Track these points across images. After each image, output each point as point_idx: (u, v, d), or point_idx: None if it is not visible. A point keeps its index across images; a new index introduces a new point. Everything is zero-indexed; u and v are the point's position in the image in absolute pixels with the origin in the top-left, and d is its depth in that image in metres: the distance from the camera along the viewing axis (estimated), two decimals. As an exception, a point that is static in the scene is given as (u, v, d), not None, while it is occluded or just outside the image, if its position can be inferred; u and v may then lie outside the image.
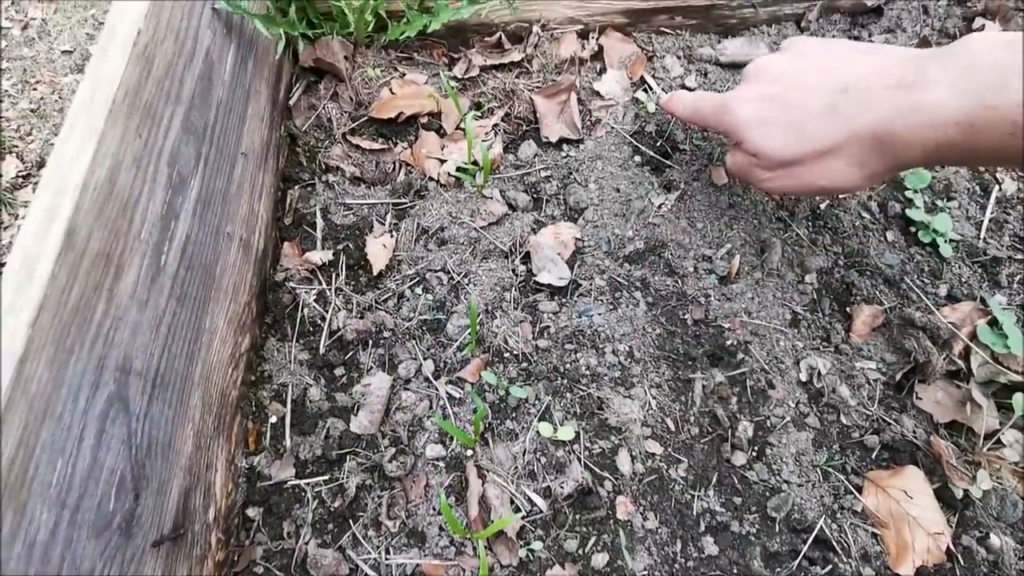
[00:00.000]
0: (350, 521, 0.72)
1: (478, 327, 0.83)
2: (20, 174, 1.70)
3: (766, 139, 0.68)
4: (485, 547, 0.70)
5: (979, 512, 0.70)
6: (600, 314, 0.86)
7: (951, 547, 0.67)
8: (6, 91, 1.83)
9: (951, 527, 0.70)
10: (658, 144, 1.03)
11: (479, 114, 1.03)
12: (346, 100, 1.02)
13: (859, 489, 0.72)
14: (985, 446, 0.73)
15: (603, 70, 1.07)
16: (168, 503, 0.58)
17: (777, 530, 0.70)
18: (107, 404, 0.50)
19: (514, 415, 0.78)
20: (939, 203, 0.94)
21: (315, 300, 0.86)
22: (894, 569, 0.67)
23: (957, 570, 0.67)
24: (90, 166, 0.49)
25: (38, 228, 0.45)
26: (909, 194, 0.95)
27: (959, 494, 0.71)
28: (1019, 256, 0.89)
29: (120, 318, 0.52)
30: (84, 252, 0.48)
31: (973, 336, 0.80)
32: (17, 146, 1.74)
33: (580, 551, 0.70)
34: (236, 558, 0.70)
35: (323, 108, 1.01)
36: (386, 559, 0.70)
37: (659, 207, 0.96)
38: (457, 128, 1.01)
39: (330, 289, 0.87)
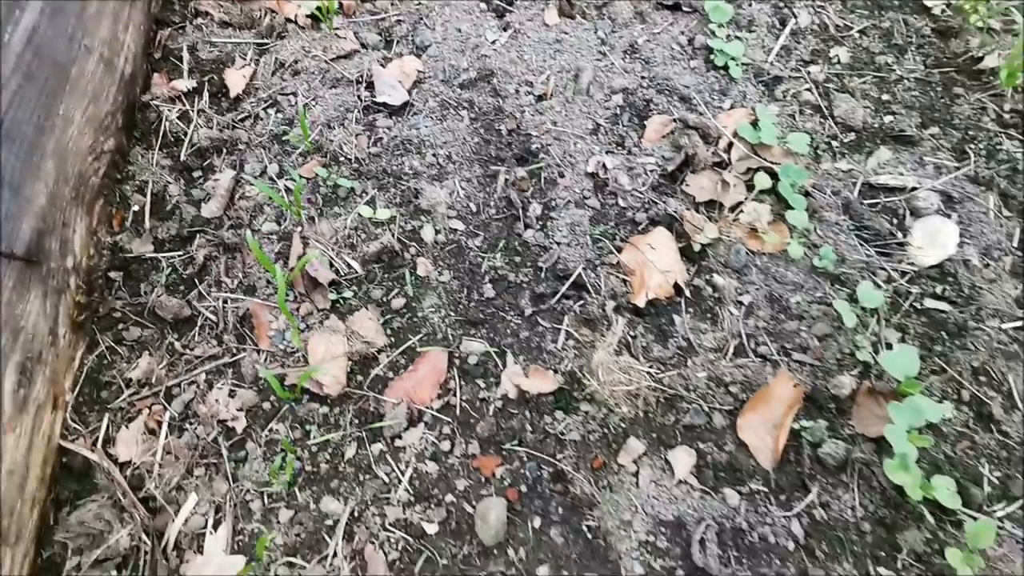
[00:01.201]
0: (196, 281, 0.87)
1: (318, 137, 0.97)
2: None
3: None
4: (302, 294, 0.85)
5: (711, 261, 0.85)
6: (427, 126, 0.99)
7: (679, 284, 0.82)
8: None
9: (689, 274, 0.85)
10: (504, -6, 1.15)
11: (339, -33, 1.14)
12: (216, -47, 1.12)
13: (620, 250, 0.87)
14: (729, 215, 0.88)
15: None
16: (18, 232, 0.72)
17: (544, 278, 0.85)
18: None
19: (342, 203, 0.93)
20: (740, 34, 1.07)
21: (178, 117, 0.99)
22: (633, 301, 0.82)
23: (683, 302, 0.83)
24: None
25: None
26: (712, 27, 1.07)
27: (697, 248, 0.85)
28: (797, 75, 1.02)
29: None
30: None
31: (735, 133, 0.93)
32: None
33: (383, 298, 0.85)
34: (99, 308, 0.85)
35: (196, -39, 1.11)
36: (223, 306, 0.85)
37: (493, 43, 1.08)
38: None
39: (193, 110, 1.00)
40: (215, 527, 0.71)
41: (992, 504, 0.66)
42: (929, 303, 0.79)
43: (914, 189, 0.87)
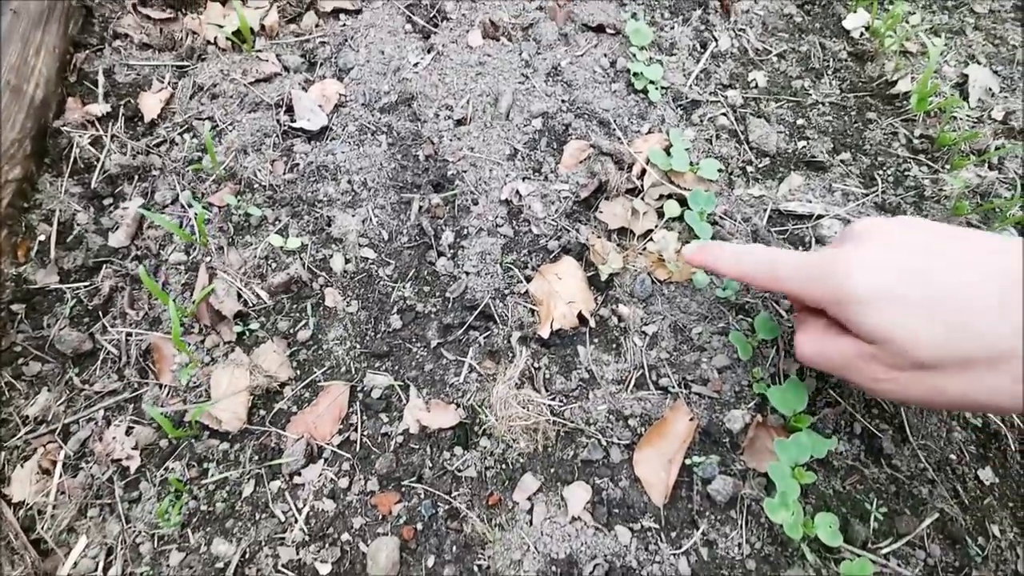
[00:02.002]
0: (100, 313, 0.86)
1: (232, 163, 0.96)
2: None
3: (899, 326, 0.48)
4: (207, 326, 0.84)
5: (618, 290, 0.85)
6: (344, 152, 0.98)
7: (583, 314, 0.82)
8: None
9: (596, 303, 0.85)
10: (431, 15, 1.14)
11: (263, -13, 1.13)
12: (136, -26, 1.11)
13: (529, 279, 0.87)
14: (638, 243, 0.88)
15: (374, -56, 1.16)
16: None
17: (452, 308, 0.85)
18: None
19: (254, 231, 0.92)
20: (661, 57, 1.07)
21: (90, 143, 0.97)
22: (539, 332, 0.82)
23: (588, 332, 0.83)
24: None
25: None
26: (633, 50, 1.07)
27: (605, 277, 0.85)
28: (715, 100, 1.02)
29: None
30: None
31: (648, 160, 0.93)
32: None
33: (290, 329, 0.85)
34: (0, 341, 0.83)
35: (115, -19, 1.10)
36: (127, 339, 0.84)
37: (416, 65, 1.08)
38: (239, -1, 1.11)
39: (106, 135, 0.98)
40: (105, 571, 0.70)
41: (878, 540, 0.67)
42: (829, 333, 0.79)
43: (820, 217, 0.87)
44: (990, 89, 0.98)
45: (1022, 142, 0.92)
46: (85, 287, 0.87)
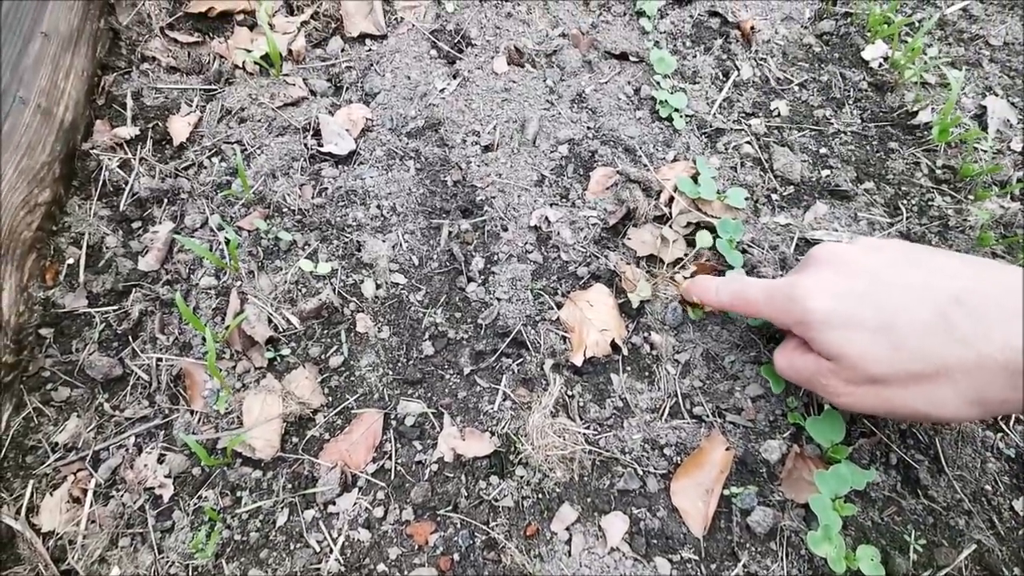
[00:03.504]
0: (130, 338, 0.86)
1: (261, 187, 0.96)
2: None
3: (851, 345, 0.55)
4: (239, 352, 0.83)
5: (649, 318, 0.86)
6: (372, 177, 0.99)
7: (616, 342, 0.83)
8: None
9: (628, 331, 0.85)
10: (455, 41, 1.16)
11: (291, 12, 1.14)
12: (164, -2, 1.12)
13: (560, 306, 0.87)
14: (668, 271, 0.89)
15: (401, -28, 1.18)
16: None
17: (484, 335, 0.85)
18: None
19: (283, 256, 0.92)
20: (684, 86, 1.09)
21: (118, 166, 0.97)
22: (571, 360, 0.82)
23: (621, 360, 0.83)
24: None
25: None
26: (657, 78, 1.08)
27: (636, 304, 0.86)
28: (739, 128, 1.03)
29: None
30: None
31: (676, 188, 0.94)
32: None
33: (321, 355, 0.85)
34: (28, 365, 0.83)
35: (143, 5, 1.11)
36: (157, 364, 0.83)
37: (442, 91, 1.09)
38: (269, 24, 1.12)
39: (134, 158, 0.99)
40: (137, 601, 0.69)
41: (919, 572, 0.67)
42: (860, 362, 0.80)
43: (848, 246, 0.88)
44: (1008, 120, 1.00)
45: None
46: (114, 311, 0.87)
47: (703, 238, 0.90)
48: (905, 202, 0.94)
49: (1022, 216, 0.90)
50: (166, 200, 0.96)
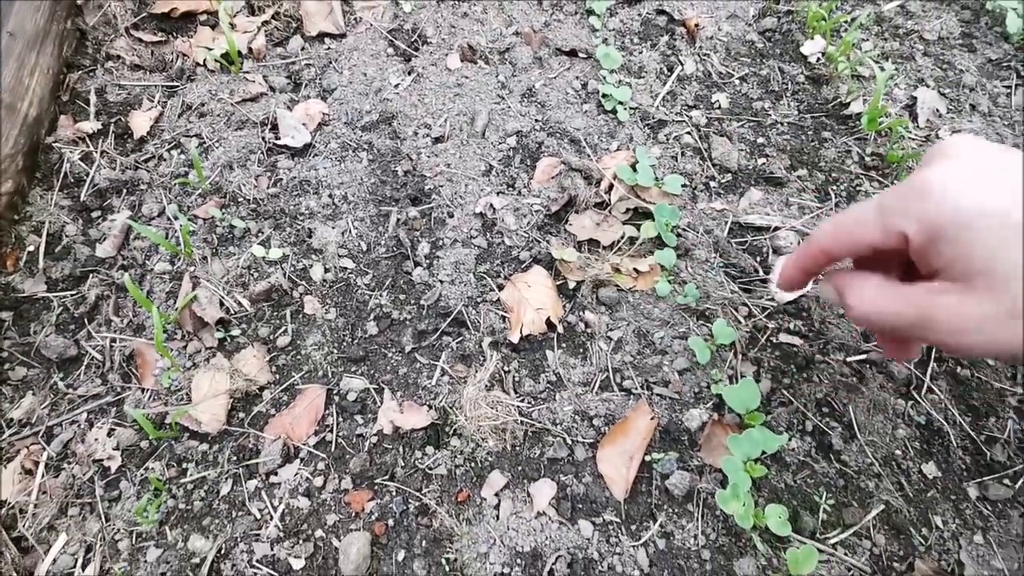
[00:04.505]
0: (86, 320, 0.89)
1: (218, 178, 1.00)
2: None
3: (1012, 258, 0.40)
4: (190, 332, 0.87)
5: (585, 298, 0.89)
6: (326, 168, 1.03)
7: (551, 320, 0.86)
8: None
9: (565, 310, 0.89)
10: (412, 39, 1.20)
11: (252, 12, 1.19)
12: (129, -1, 1.16)
13: (501, 288, 0.91)
14: (606, 253, 0.92)
15: (359, -27, 1.22)
16: None
17: (426, 315, 0.89)
18: None
19: (238, 243, 0.95)
20: (630, 80, 1.13)
21: (80, 159, 1.01)
22: (509, 338, 0.86)
23: (556, 337, 0.87)
24: None
25: None
26: (603, 73, 1.13)
27: (572, 285, 0.90)
28: (680, 119, 1.08)
29: None
30: None
31: (615, 175, 0.98)
32: None
33: (270, 336, 0.88)
34: (-14, 348, 0.86)
35: (109, 5, 1.15)
36: (111, 345, 0.87)
37: (396, 86, 1.13)
38: (230, 23, 1.16)
39: (96, 151, 1.02)
40: (84, 567, 0.72)
41: (826, 531, 0.71)
42: (783, 338, 0.84)
43: (777, 229, 0.92)
44: (937, 110, 1.04)
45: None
46: (72, 295, 0.90)
47: (639, 221, 0.94)
48: (835, 187, 0.98)
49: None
50: (125, 190, 0.99)
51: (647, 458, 0.75)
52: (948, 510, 0.72)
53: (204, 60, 1.11)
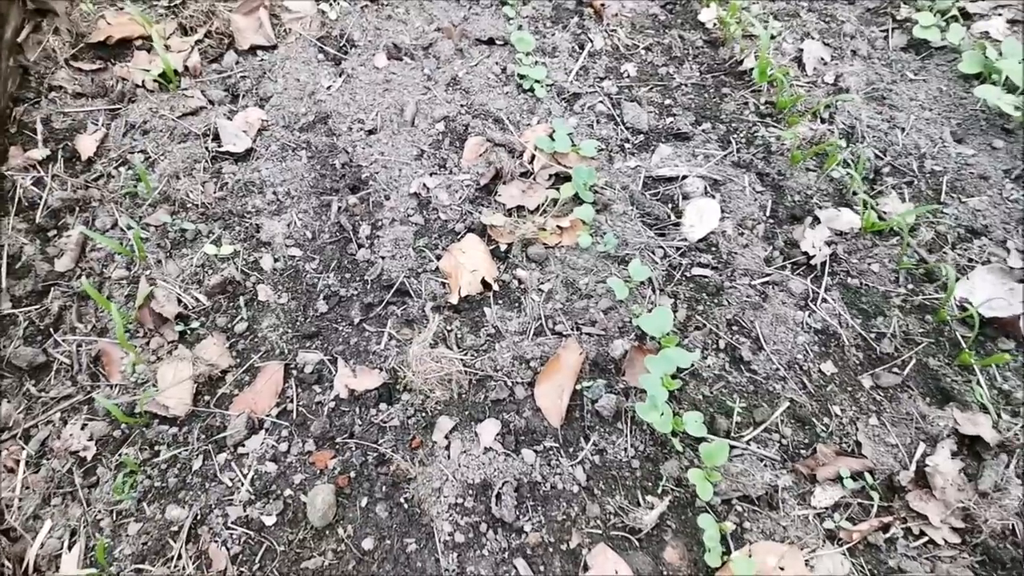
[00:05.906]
0: (52, 330, 0.95)
1: (165, 187, 1.06)
2: None
3: None
4: (151, 330, 0.93)
5: (516, 258, 0.97)
6: (268, 168, 1.10)
7: (486, 279, 0.94)
8: None
9: (499, 271, 0.97)
10: (340, 44, 1.28)
11: (184, 33, 1.25)
12: (65, 33, 1.22)
13: (439, 258, 0.99)
14: (532, 215, 1.00)
15: (282, -13, 1.30)
16: None
17: (371, 289, 0.96)
18: None
19: (190, 244, 1.02)
20: (544, 60, 1.22)
21: (33, 184, 1.07)
22: (449, 300, 0.93)
23: (492, 296, 0.94)
24: None
25: None
26: (519, 56, 1.22)
27: (504, 247, 0.98)
28: (593, 91, 1.17)
29: None
30: None
31: (536, 146, 1.07)
32: None
33: (228, 324, 0.95)
34: (-42, 365, 0.91)
35: (47, 41, 1.21)
36: (78, 349, 0.93)
37: (329, 88, 1.21)
38: (164, 45, 1.23)
39: (47, 175, 1.08)
40: (70, 547, 0.78)
41: (740, 431, 0.79)
42: (696, 271, 0.93)
43: (685, 177, 1.01)
44: (822, 59, 1.15)
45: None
46: (36, 309, 0.96)
47: (559, 184, 1.03)
48: (735, 136, 1.08)
49: (827, 133, 1.04)
50: (78, 208, 1.05)
51: (578, 387, 0.83)
52: (845, 399, 0.81)
53: (143, 81, 1.18)
